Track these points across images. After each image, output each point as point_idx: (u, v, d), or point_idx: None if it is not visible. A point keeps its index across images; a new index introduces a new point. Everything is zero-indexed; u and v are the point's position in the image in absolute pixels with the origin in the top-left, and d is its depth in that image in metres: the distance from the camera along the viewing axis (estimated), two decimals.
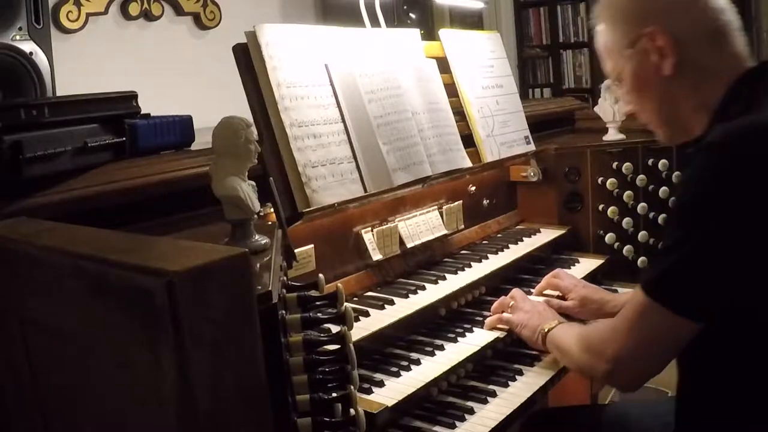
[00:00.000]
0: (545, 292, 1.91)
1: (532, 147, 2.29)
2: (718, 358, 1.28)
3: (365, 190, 1.67)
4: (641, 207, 2.30)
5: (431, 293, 1.75)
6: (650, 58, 1.33)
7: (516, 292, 1.79)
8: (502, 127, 2.20)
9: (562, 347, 1.56)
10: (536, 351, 1.74)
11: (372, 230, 1.82)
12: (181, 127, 1.61)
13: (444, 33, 2.17)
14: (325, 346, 1.09)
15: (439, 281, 1.82)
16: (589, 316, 1.80)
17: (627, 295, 1.73)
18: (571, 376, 1.80)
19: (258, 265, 1.08)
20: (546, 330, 1.61)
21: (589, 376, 1.61)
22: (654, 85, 1.36)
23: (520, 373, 1.65)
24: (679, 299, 1.20)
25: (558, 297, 1.87)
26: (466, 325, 1.72)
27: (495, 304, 1.77)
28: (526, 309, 1.71)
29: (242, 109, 1.43)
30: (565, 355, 1.55)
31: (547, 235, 2.27)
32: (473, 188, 2.19)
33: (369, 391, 1.42)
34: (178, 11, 4.32)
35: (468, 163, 2.01)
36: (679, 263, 1.19)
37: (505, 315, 1.72)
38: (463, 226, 2.13)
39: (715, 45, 1.32)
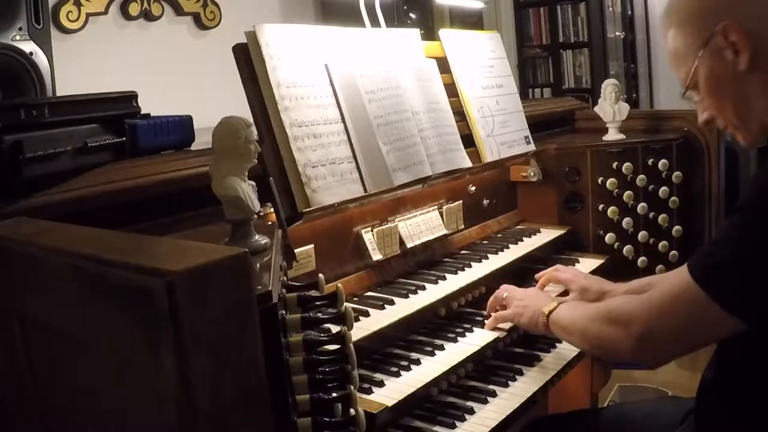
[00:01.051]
0: (547, 288, 1.90)
1: (532, 147, 2.29)
2: (754, 365, 1.27)
3: (365, 190, 1.67)
4: (641, 207, 2.30)
5: (431, 293, 1.75)
6: (725, 56, 1.29)
7: (506, 285, 1.78)
8: (502, 127, 2.20)
9: (571, 325, 1.51)
10: (536, 351, 1.75)
11: (372, 230, 1.82)
12: (181, 127, 1.61)
13: (444, 33, 2.17)
14: (325, 346, 1.09)
15: (439, 281, 1.82)
16: None
17: (626, 285, 1.72)
18: (571, 377, 1.80)
19: (258, 265, 1.08)
20: (547, 312, 1.57)
21: (605, 353, 1.54)
22: (731, 84, 1.32)
23: (520, 373, 1.65)
24: (727, 293, 1.18)
25: (561, 294, 1.87)
26: (466, 325, 1.72)
27: (489, 301, 1.77)
28: (518, 297, 1.70)
29: (242, 109, 1.43)
30: (576, 334, 1.49)
31: (547, 235, 2.27)
32: (473, 188, 2.19)
33: (369, 391, 1.42)
34: (178, 11, 4.32)
35: (468, 163, 2.01)
36: (737, 259, 1.17)
37: (500, 312, 1.71)
38: (463, 226, 2.13)
39: None
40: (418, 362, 1.55)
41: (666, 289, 1.28)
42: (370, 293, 1.76)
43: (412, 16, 4.82)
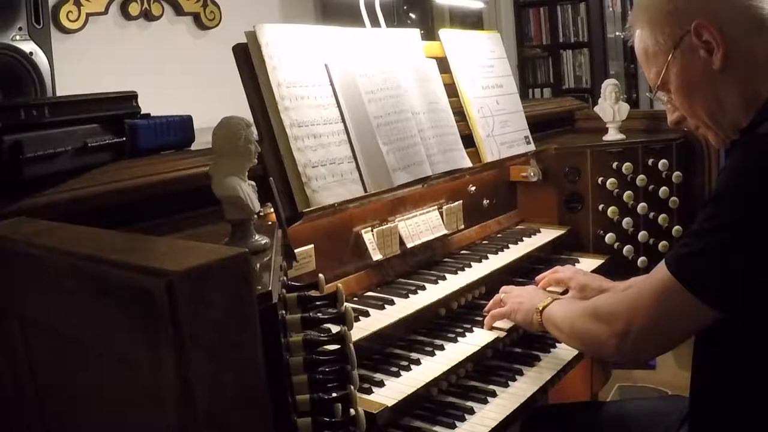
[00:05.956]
0: (549, 289, 1.90)
1: (532, 147, 2.29)
2: (735, 359, 1.27)
3: (365, 190, 1.67)
4: (641, 207, 2.30)
5: (431, 293, 1.75)
6: (698, 55, 1.29)
7: (505, 287, 1.79)
8: (502, 127, 2.20)
9: (561, 321, 1.50)
10: (536, 351, 1.74)
11: (372, 230, 1.82)
12: (181, 127, 1.61)
13: (444, 33, 2.17)
14: (325, 346, 1.09)
15: (439, 281, 1.82)
16: None
17: (625, 283, 1.72)
18: (571, 377, 1.80)
19: (258, 265, 1.08)
20: (540, 308, 1.57)
21: (591, 350, 1.54)
22: (703, 84, 1.31)
23: (520, 373, 1.65)
24: (703, 285, 1.18)
25: (562, 293, 1.87)
26: (466, 325, 1.72)
27: (489, 305, 1.77)
28: (515, 294, 1.71)
29: (242, 109, 1.43)
30: (565, 330, 1.49)
31: (547, 235, 2.27)
32: (473, 188, 2.19)
33: (369, 391, 1.42)
34: (178, 11, 4.32)
35: (468, 163, 2.01)
36: (711, 250, 1.17)
37: (497, 309, 1.71)
38: (463, 226, 2.13)
39: (763, 34, 1.28)
40: (418, 362, 1.55)
41: (646, 284, 1.28)
42: (370, 293, 1.76)
43: (412, 16, 4.82)
